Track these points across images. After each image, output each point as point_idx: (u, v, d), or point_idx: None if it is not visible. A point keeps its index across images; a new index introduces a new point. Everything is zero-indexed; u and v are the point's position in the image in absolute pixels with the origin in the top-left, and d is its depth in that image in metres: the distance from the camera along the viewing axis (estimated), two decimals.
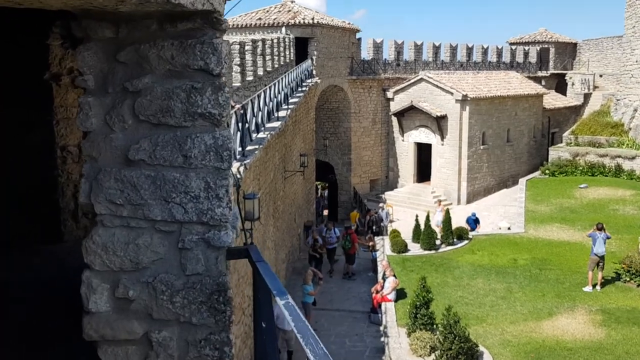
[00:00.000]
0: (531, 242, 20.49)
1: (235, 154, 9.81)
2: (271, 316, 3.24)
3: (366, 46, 32.92)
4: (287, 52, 24.12)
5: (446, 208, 23.41)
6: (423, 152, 31.95)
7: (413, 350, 12.98)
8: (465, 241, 20.88)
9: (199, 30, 3.28)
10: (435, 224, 21.21)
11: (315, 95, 27.36)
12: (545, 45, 43.52)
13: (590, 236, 16.24)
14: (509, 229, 22.70)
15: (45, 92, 6.91)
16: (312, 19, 27.78)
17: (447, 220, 20.80)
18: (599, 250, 15.76)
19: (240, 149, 10.37)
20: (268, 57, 19.22)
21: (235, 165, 9.10)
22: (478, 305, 15.37)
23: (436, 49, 36.34)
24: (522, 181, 29.56)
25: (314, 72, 27.65)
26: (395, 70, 33.87)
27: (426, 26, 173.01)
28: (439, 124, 30.21)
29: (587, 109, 38.69)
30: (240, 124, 10.38)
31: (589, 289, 16.02)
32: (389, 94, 32.60)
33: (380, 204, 27.76)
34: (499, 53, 40.12)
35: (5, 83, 6.58)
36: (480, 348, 12.77)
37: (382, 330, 14.79)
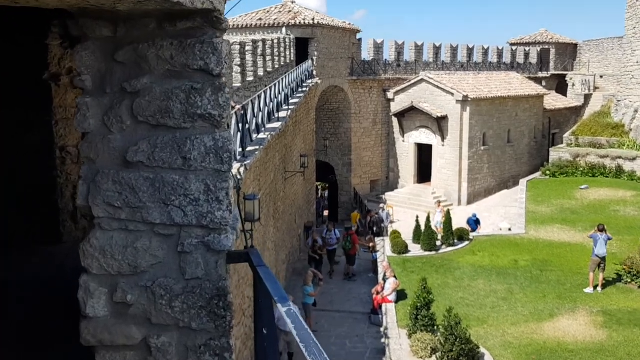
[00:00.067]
0: (532, 243, 20.45)
1: (236, 154, 9.78)
2: (272, 322, 3.19)
3: (367, 47, 32.91)
4: (288, 53, 24.08)
5: (446, 209, 23.37)
6: (423, 153, 31.90)
7: (414, 352, 12.94)
8: (466, 242, 20.84)
9: (198, 30, 3.22)
10: (434, 225, 21.17)
11: (315, 95, 27.32)
12: (546, 46, 43.48)
13: (591, 237, 16.20)
14: (509, 230, 22.66)
15: (44, 92, 6.86)
16: (313, 20, 27.74)
17: (448, 221, 20.76)
18: (600, 251, 15.73)
19: (240, 149, 10.36)
20: (268, 58, 19.19)
21: (236, 166, 9.06)
22: (479, 307, 15.33)
23: (437, 50, 36.28)
24: (523, 182, 29.53)
25: (315, 73, 27.61)
26: (395, 71, 33.82)
27: (426, 26, 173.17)
28: (440, 124, 30.17)
29: (588, 109, 38.65)
30: (240, 124, 10.37)
31: (590, 290, 15.99)
32: (390, 95, 32.56)
33: (380, 205, 27.71)
34: (500, 54, 40.08)
35: (5, 83, 6.53)
36: (482, 350, 12.74)
37: (383, 331, 14.75)
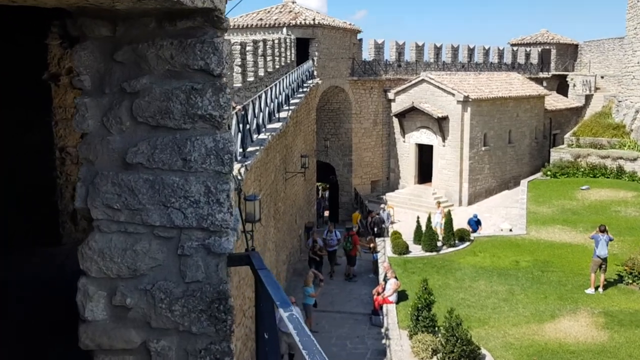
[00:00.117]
0: (533, 244, 20.41)
1: (236, 155, 9.75)
2: (274, 326, 3.14)
3: (367, 47, 32.89)
4: (288, 53, 24.05)
5: (447, 210, 23.34)
6: (424, 153, 31.87)
7: (415, 353, 12.91)
8: (467, 243, 20.80)
9: (199, 29, 3.18)
10: (433, 226, 21.12)
11: (316, 96, 27.29)
12: (547, 47, 43.45)
13: (592, 238, 16.17)
14: (510, 230, 22.63)
15: (44, 93, 6.83)
16: (313, 20, 27.72)
17: (449, 222, 20.73)
18: (601, 252, 15.69)
19: (241, 150, 10.34)
20: (269, 58, 19.17)
21: (236, 166, 9.03)
22: (480, 308, 15.30)
23: (437, 50, 36.25)
24: (524, 182, 29.51)
25: (315, 73, 27.58)
26: (396, 71, 33.79)
27: (427, 27, 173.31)
28: (440, 125, 30.13)
29: (589, 110, 38.63)
30: (241, 124, 10.36)
31: (591, 291, 15.95)
32: (390, 95, 32.53)
33: (381, 205, 27.70)
34: (501, 54, 40.04)
35: (5, 83, 6.50)
36: (483, 351, 12.72)
37: (384, 332, 14.72)
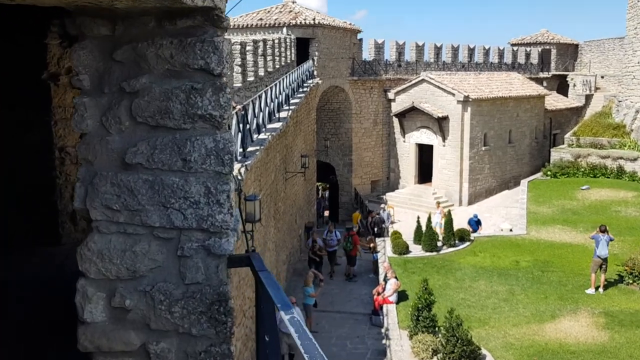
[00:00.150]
0: (533, 244, 20.39)
1: (236, 155, 9.73)
2: (275, 329, 3.11)
3: (367, 47, 32.85)
4: (288, 53, 24.03)
5: (447, 210, 23.30)
6: (424, 153, 31.84)
7: (415, 353, 12.88)
8: (467, 243, 20.78)
9: (199, 28, 3.15)
10: (433, 226, 21.07)
11: (316, 96, 27.27)
12: (547, 47, 43.41)
13: (593, 238, 16.15)
14: (510, 230, 22.60)
15: (43, 92, 6.81)
16: (313, 20, 27.69)
17: (449, 222, 20.70)
18: (602, 252, 15.67)
19: (241, 150, 10.32)
20: (269, 58, 19.15)
21: (236, 166, 9.01)
22: (480, 308, 15.28)
23: (438, 50, 36.22)
24: (524, 182, 29.49)
25: (315, 73, 27.56)
26: (396, 71, 33.76)
27: (427, 27, 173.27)
28: (441, 125, 30.11)
29: (589, 110, 38.60)
30: (241, 124, 10.34)
31: (591, 291, 15.93)
32: (390, 95, 32.50)
33: (381, 205, 27.67)
34: (501, 54, 40.01)
35: (5, 83, 6.47)
36: (483, 351, 12.70)
37: (384, 332, 14.69)
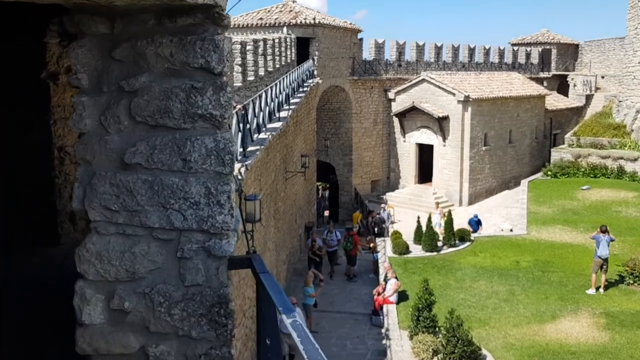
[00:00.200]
0: (533, 244, 20.35)
1: (237, 154, 9.70)
2: (276, 331, 3.07)
3: (368, 46, 32.81)
4: (289, 52, 23.99)
5: (447, 210, 23.27)
6: (424, 153, 31.80)
7: (415, 354, 12.85)
8: (467, 243, 20.74)
9: (199, 26, 3.11)
10: (433, 226, 21.02)
11: (316, 95, 27.23)
12: (547, 46, 43.38)
13: (593, 238, 16.11)
14: (511, 230, 22.57)
15: (43, 92, 6.77)
16: (314, 19, 27.65)
17: (449, 222, 20.67)
18: (602, 252, 15.64)
19: (241, 149, 10.29)
20: (269, 57, 19.11)
21: (237, 166, 8.98)
22: (480, 308, 15.25)
23: (438, 50, 36.17)
24: (524, 182, 29.45)
25: (316, 73, 27.52)
26: (396, 71, 33.72)
27: (428, 26, 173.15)
28: (441, 124, 30.07)
29: (589, 110, 38.57)
30: (241, 124, 10.30)
31: (592, 291, 15.90)
32: (391, 95, 32.47)
33: (381, 205, 27.64)
34: (501, 54, 39.97)
35: (5, 83, 6.44)
36: (483, 351, 12.67)
37: (384, 332, 14.66)
